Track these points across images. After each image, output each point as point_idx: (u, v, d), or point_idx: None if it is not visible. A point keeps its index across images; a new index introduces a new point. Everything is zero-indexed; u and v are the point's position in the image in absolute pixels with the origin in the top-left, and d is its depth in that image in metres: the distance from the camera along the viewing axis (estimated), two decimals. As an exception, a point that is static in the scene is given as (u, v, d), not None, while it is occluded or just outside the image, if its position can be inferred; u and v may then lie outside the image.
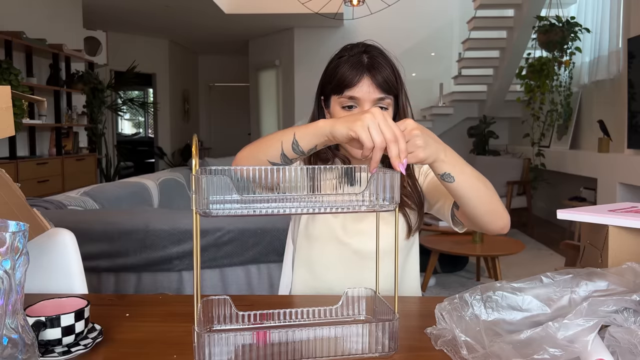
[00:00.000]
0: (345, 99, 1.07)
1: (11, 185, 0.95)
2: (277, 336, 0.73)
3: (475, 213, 0.98)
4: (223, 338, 0.72)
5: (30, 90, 4.63)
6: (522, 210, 5.48)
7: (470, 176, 0.94)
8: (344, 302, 0.91)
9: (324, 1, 5.21)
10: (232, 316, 0.87)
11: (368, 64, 1.06)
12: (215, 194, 0.70)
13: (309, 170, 0.82)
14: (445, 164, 0.90)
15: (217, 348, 0.72)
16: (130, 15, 6.88)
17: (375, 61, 1.07)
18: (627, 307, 0.66)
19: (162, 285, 2.11)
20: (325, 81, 1.12)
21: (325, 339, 0.75)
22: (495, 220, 0.99)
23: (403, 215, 1.16)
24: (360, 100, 1.06)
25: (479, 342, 0.70)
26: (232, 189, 0.70)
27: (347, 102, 1.07)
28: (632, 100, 3.85)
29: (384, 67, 1.07)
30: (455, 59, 7.00)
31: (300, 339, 0.74)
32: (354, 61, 1.07)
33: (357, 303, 0.92)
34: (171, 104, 8.83)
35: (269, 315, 0.88)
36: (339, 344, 0.76)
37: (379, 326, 0.76)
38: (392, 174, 0.76)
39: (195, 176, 0.69)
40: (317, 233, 1.17)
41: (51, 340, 0.77)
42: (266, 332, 0.73)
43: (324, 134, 0.86)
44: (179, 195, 3.67)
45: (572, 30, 4.78)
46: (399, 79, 1.10)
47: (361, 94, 1.05)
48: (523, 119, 6.07)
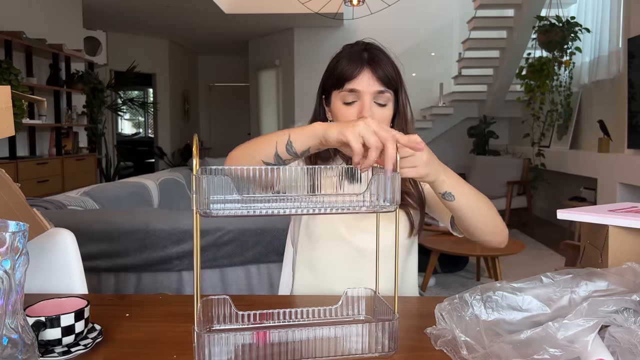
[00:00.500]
0: (346, 92, 1.07)
1: (11, 185, 0.95)
2: (276, 336, 0.73)
3: (474, 229, 1.01)
4: (223, 338, 0.72)
5: (30, 90, 4.63)
6: (522, 210, 5.48)
7: (471, 196, 0.96)
8: (343, 302, 0.91)
9: (324, 1, 5.21)
10: (232, 316, 0.87)
11: (368, 58, 1.07)
12: (215, 194, 0.70)
13: (309, 169, 0.82)
14: (445, 184, 0.92)
15: (217, 348, 0.72)
16: (130, 15, 6.88)
17: (376, 56, 1.08)
18: (627, 307, 0.66)
19: (162, 285, 2.12)
20: (325, 78, 1.13)
21: (325, 339, 0.75)
22: (493, 237, 1.03)
23: (405, 214, 1.16)
24: (360, 93, 1.07)
25: (479, 342, 0.70)
26: (232, 189, 0.70)
27: (348, 96, 1.07)
28: (632, 100, 3.85)
29: (384, 61, 1.08)
30: (455, 59, 7.00)
31: (299, 339, 0.74)
32: (355, 56, 1.08)
33: (357, 303, 0.92)
34: (171, 104, 8.83)
35: (269, 315, 0.88)
36: (339, 344, 0.76)
37: (379, 326, 0.76)
38: (393, 175, 0.76)
39: (196, 176, 0.69)
40: (319, 231, 1.17)
41: (51, 340, 0.77)
42: (266, 332, 0.73)
43: (317, 137, 0.86)
44: (179, 195, 3.67)
45: (572, 30, 4.78)
46: (399, 75, 1.10)
47: (361, 86, 1.06)
48: (523, 119, 6.07)
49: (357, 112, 1.07)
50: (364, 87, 1.06)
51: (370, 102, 1.07)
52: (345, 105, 1.08)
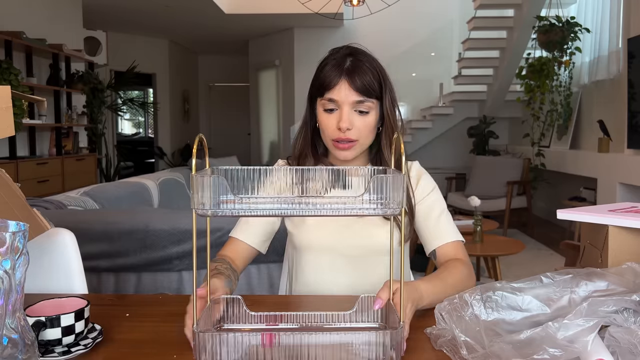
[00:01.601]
0: (326, 101, 1.09)
1: (11, 185, 0.95)
2: (284, 339, 0.72)
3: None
4: (225, 339, 0.71)
5: (30, 90, 4.63)
6: (522, 210, 5.48)
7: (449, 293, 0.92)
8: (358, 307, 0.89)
9: (324, 1, 5.21)
10: (243, 316, 0.87)
11: (348, 67, 1.07)
12: (215, 195, 0.70)
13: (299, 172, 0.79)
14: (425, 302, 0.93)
15: (223, 348, 0.71)
16: (130, 15, 6.88)
17: (357, 64, 1.08)
18: (627, 307, 0.66)
19: (162, 285, 2.11)
20: (311, 84, 1.14)
21: (330, 346, 0.74)
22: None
23: (396, 223, 1.16)
24: (338, 103, 1.08)
25: (478, 342, 0.70)
26: (230, 190, 0.70)
27: (328, 104, 1.09)
28: (632, 100, 3.85)
29: (365, 70, 1.07)
30: (455, 59, 7.00)
31: (307, 342, 0.73)
32: (336, 64, 1.09)
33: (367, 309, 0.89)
34: (171, 104, 8.83)
35: (281, 317, 0.87)
36: (344, 351, 0.74)
37: (387, 335, 0.73)
38: (396, 176, 0.72)
39: (195, 176, 0.69)
40: (305, 243, 1.17)
41: (51, 340, 0.77)
42: (272, 335, 0.72)
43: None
44: (179, 195, 3.68)
45: (572, 30, 4.77)
46: (384, 82, 1.10)
47: (339, 97, 1.07)
48: (523, 119, 6.07)
49: (336, 122, 1.08)
50: (342, 97, 1.07)
51: (349, 111, 1.08)
52: (326, 112, 1.10)
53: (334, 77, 1.07)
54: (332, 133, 1.09)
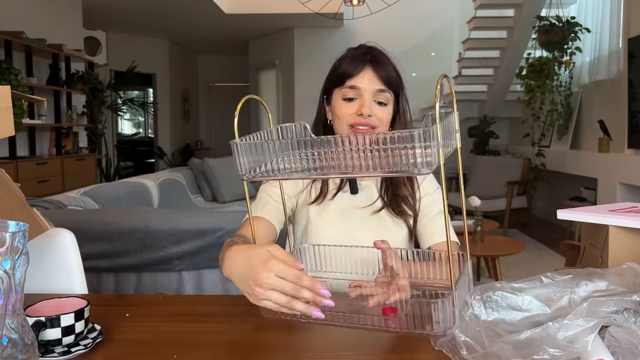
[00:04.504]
0: (347, 89, 1.09)
1: (11, 185, 0.95)
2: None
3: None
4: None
5: (30, 90, 4.63)
6: (522, 210, 5.48)
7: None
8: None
9: (324, 1, 5.21)
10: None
11: (371, 58, 1.10)
12: (257, 160, 0.77)
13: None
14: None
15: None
16: (130, 15, 6.88)
17: (378, 57, 1.11)
18: (627, 307, 0.66)
19: (162, 285, 2.11)
20: (328, 78, 1.15)
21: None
22: None
23: (404, 221, 1.17)
24: (360, 90, 1.08)
25: (478, 343, 0.70)
26: (273, 153, 0.77)
27: (348, 92, 1.09)
28: (632, 100, 3.85)
29: (386, 63, 1.10)
30: (455, 59, 7.00)
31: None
32: (358, 55, 1.11)
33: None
34: (171, 104, 8.83)
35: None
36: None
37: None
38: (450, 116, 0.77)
39: (236, 143, 0.75)
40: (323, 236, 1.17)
41: (51, 340, 0.77)
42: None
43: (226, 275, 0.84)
44: (179, 195, 3.68)
45: (572, 30, 4.77)
46: (400, 78, 1.13)
47: (362, 84, 1.08)
48: (523, 119, 6.07)
49: (356, 109, 1.08)
50: (365, 84, 1.08)
51: (370, 99, 1.08)
52: (345, 101, 1.10)
53: (357, 64, 1.08)
54: (350, 118, 1.09)
